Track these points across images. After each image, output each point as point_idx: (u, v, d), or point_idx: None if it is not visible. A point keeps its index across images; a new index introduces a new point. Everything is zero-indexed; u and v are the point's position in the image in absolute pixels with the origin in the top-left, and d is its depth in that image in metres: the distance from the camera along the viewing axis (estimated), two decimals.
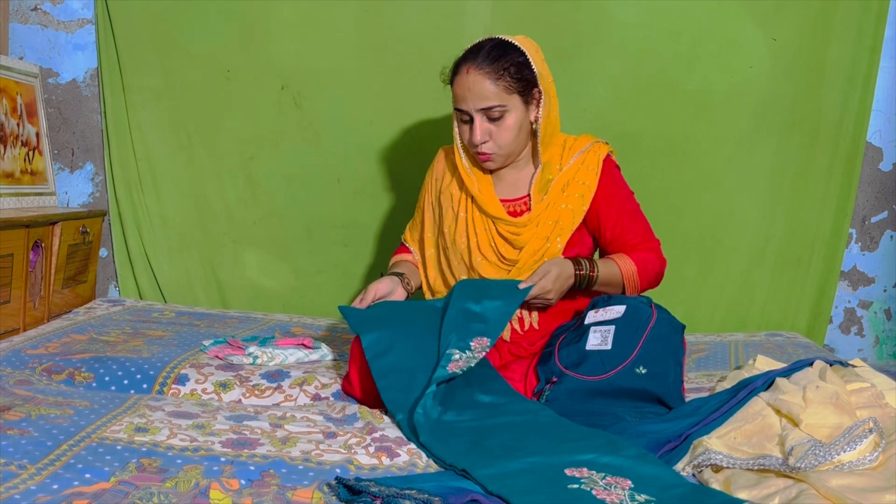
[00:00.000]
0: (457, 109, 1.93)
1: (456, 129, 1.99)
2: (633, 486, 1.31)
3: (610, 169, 1.99)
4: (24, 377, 1.80)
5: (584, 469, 1.37)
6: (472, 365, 1.72)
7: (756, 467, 1.37)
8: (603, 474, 1.35)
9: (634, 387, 1.71)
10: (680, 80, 2.66)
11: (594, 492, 1.29)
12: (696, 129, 2.69)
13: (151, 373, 1.89)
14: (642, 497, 1.28)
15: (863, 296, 2.85)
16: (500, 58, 1.88)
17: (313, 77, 2.72)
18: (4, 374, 1.81)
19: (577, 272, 1.89)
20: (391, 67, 2.69)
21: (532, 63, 1.90)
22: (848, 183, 2.71)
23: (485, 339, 1.77)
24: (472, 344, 1.75)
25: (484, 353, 1.75)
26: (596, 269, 1.91)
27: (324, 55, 2.71)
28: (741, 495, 1.30)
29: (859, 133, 2.68)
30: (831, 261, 2.74)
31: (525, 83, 1.89)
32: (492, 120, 1.89)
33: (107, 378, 1.87)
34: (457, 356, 1.72)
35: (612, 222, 1.97)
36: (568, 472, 1.36)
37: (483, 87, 1.87)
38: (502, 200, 2.00)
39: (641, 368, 1.73)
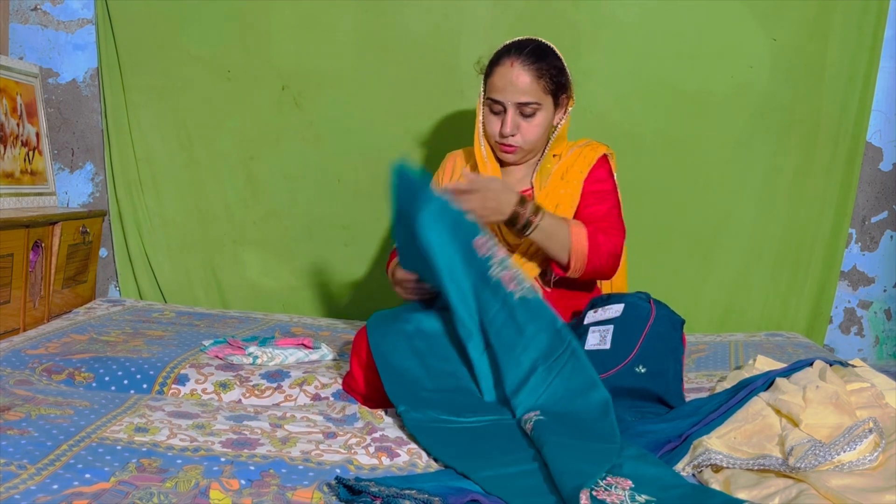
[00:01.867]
0: (490, 99, 1.95)
1: (479, 119, 2.01)
2: (633, 486, 1.31)
3: (603, 163, 2.01)
4: (24, 377, 1.80)
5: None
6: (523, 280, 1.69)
7: (756, 467, 1.37)
8: (603, 475, 1.35)
9: (634, 386, 1.71)
10: (680, 80, 2.66)
11: (594, 492, 1.29)
12: (696, 129, 2.69)
13: (151, 373, 1.89)
14: (643, 497, 1.28)
15: (863, 296, 2.85)
16: (543, 58, 1.94)
17: (313, 77, 2.72)
18: (4, 374, 1.81)
19: (518, 208, 1.82)
20: (391, 67, 2.69)
21: (567, 70, 1.98)
22: (848, 183, 2.70)
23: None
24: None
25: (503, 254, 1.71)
26: (541, 216, 1.84)
27: (324, 55, 2.71)
28: (741, 495, 1.30)
29: (859, 133, 2.68)
30: (831, 261, 2.74)
31: (559, 87, 1.96)
32: (523, 116, 1.94)
33: (107, 378, 1.87)
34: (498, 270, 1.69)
35: (587, 200, 1.97)
36: None
37: (524, 83, 1.92)
38: None
39: (641, 367, 1.73)
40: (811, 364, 1.67)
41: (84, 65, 2.81)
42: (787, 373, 1.65)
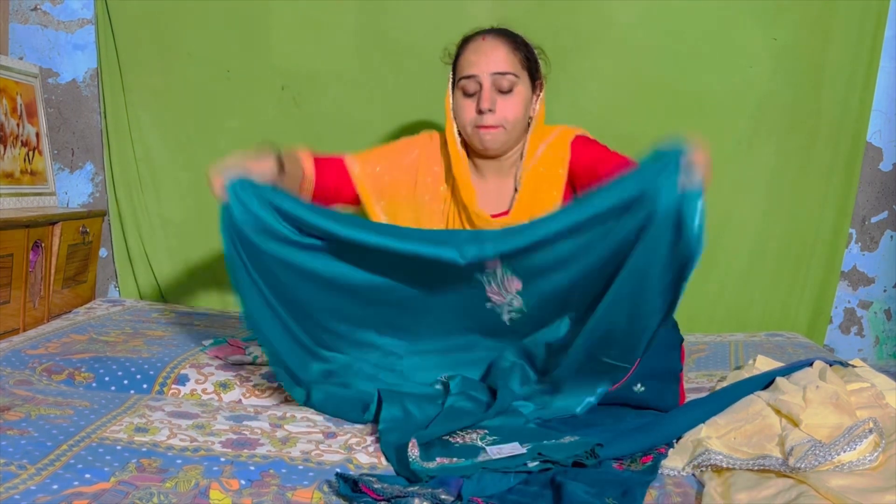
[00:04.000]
0: (463, 78, 1.84)
1: (450, 112, 1.89)
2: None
3: (581, 142, 1.89)
4: (24, 377, 1.80)
5: None
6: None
7: (756, 468, 1.37)
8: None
9: (633, 403, 1.72)
10: (680, 81, 2.66)
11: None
12: (695, 129, 2.67)
13: (151, 373, 1.89)
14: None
15: (863, 296, 2.85)
16: (514, 35, 1.88)
17: (313, 77, 2.72)
18: (4, 374, 1.81)
19: None
20: (391, 67, 2.69)
21: (536, 52, 1.90)
22: (848, 183, 2.70)
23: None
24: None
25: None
26: None
27: (324, 55, 2.71)
28: (741, 497, 1.30)
29: (859, 133, 2.68)
30: (831, 261, 2.74)
31: (534, 65, 1.88)
32: (501, 92, 1.82)
33: (107, 378, 1.87)
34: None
35: (598, 173, 1.78)
36: None
37: (500, 53, 1.83)
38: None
39: (640, 386, 1.72)
40: (811, 364, 1.67)
41: (84, 65, 2.81)
42: (786, 373, 1.65)
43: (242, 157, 1.63)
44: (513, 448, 1.42)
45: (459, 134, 1.91)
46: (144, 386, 1.86)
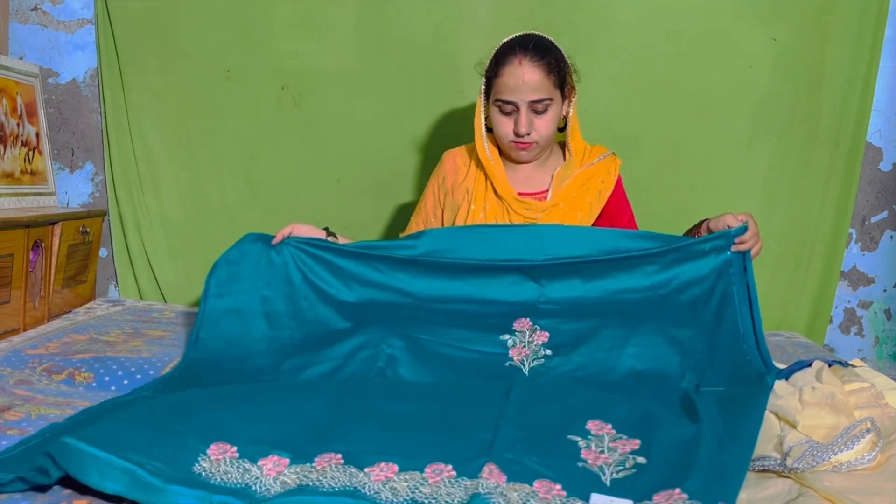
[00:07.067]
0: (500, 101, 1.95)
1: (480, 118, 2.01)
2: None
3: (621, 183, 2.09)
4: (24, 377, 1.81)
5: None
6: None
7: (756, 468, 1.38)
8: None
9: None
10: (680, 80, 2.66)
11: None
12: (695, 129, 2.69)
13: (151, 373, 1.89)
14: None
15: (863, 296, 2.85)
16: (548, 52, 1.95)
17: (313, 77, 2.72)
18: (4, 374, 1.81)
19: None
20: (391, 67, 2.69)
21: (568, 60, 1.99)
22: (848, 183, 2.70)
23: None
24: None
25: None
26: None
27: (324, 55, 2.71)
28: (741, 496, 1.29)
29: (859, 133, 2.68)
30: (831, 261, 2.74)
31: (564, 78, 1.98)
32: (536, 112, 1.94)
33: (107, 378, 1.87)
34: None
35: (622, 219, 2.07)
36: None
37: (535, 80, 1.92)
38: (519, 194, 2.03)
39: None
40: (810, 365, 1.67)
41: (84, 65, 2.81)
42: (786, 373, 1.65)
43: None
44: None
45: (488, 130, 2.04)
46: None
